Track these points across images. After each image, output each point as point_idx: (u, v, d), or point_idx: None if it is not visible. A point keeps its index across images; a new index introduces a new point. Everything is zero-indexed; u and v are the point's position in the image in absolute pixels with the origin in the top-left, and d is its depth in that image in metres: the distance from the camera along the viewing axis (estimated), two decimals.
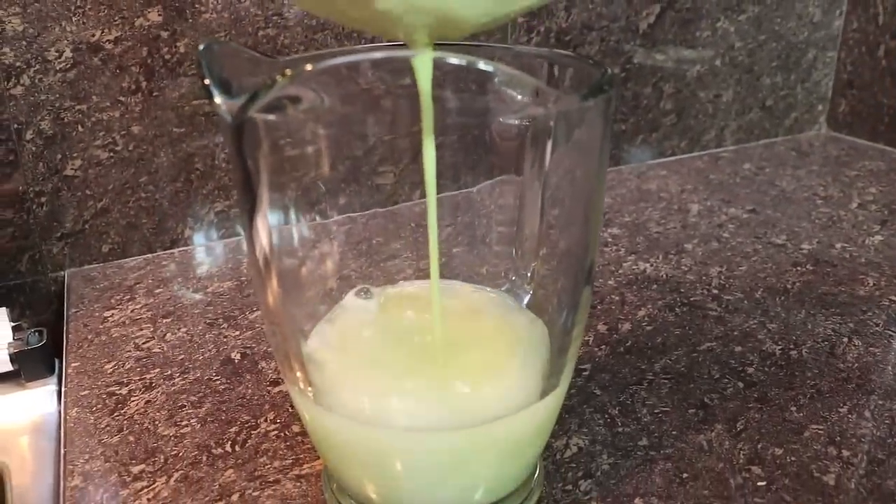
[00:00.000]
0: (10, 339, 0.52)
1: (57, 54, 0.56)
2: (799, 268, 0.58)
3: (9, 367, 0.51)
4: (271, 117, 0.27)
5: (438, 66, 0.29)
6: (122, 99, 0.59)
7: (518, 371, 0.34)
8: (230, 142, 0.28)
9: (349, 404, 0.32)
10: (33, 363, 0.51)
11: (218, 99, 0.26)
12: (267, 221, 0.33)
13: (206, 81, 0.26)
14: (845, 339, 0.49)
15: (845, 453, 0.40)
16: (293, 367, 0.34)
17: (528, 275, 0.39)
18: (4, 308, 0.54)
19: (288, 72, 0.24)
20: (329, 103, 0.29)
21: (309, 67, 0.24)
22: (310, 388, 0.34)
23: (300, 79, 0.25)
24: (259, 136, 0.29)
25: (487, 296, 0.39)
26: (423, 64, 0.28)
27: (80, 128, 0.58)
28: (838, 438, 0.41)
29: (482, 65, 0.26)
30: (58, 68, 0.56)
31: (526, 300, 0.39)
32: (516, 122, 0.35)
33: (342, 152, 0.36)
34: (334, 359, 0.35)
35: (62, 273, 0.62)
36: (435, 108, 0.29)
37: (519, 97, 0.29)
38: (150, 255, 0.64)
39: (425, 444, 0.31)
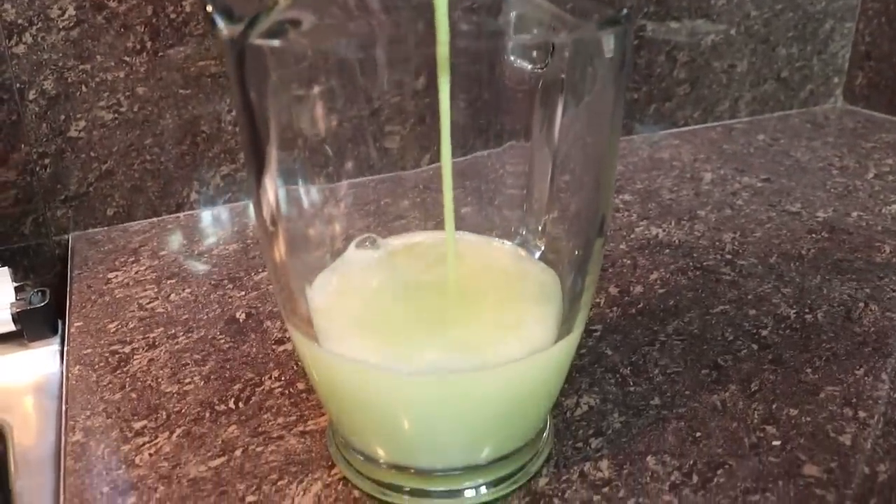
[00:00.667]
0: (13, 299, 0.51)
1: (60, 12, 0.55)
2: (814, 235, 0.57)
3: (11, 328, 0.51)
4: (274, 43, 0.26)
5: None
6: (126, 59, 0.58)
7: (530, 316, 0.33)
8: (233, 71, 0.28)
9: (356, 350, 0.31)
10: (36, 323, 0.51)
11: (220, 24, 0.25)
12: (275, 181, 0.33)
13: (209, 8, 0.25)
14: (861, 304, 0.48)
15: (861, 414, 0.39)
16: (299, 317, 0.33)
17: (539, 229, 0.38)
18: (7, 268, 0.54)
19: None
20: (331, 26, 0.28)
21: None
22: (316, 338, 0.33)
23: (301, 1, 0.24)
24: (264, 70, 0.28)
25: (498, 245, 0.38)
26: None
27: (83, 88, 0.58)
28: (854, 400, 0.40)
29: None
30: (61, 26, 0.56)
31: (537, 255, 0.38)
32: (529, 66, 0.34)
33: (348, 99, 0.35)
34: (340, 306, 0.34)
35: (66, 236, 0.61)
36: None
37: (535, 29, 0.28)
38: (155, 219, 0.63)
39: (435, 389, 0.30)
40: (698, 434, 0.38)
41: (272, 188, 0.33)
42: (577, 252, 0.36)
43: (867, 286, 0.50)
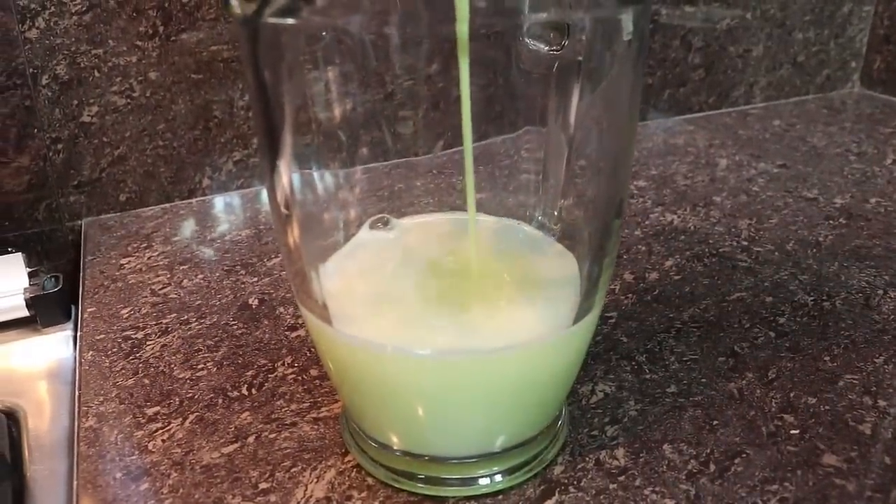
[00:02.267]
0: (27, 285, 0.51)
1: None
2: (831, 221, 0.56)
3: (25, 313, 0.51)
4: (288, 21, 0.26)
5: None
6: (139, 43, 0.58)
7: (548, 297, 0.32)
8: (246, 51, 0.27)
9: (369, 332, 0.31)
10: (49, 308, 0.51)
11: (234, 2, 0.24)
12: (289, 165, 0.33)
13: None
14: (880, 292, 0.47)
15: (881, 403, 0.38)
16: (312, 299, 0.33)
17: (556, 214, 0.38)
18: (21, 254, 0.54)
19: None
20: (345, 2, 0.27)
21: None
22: (329, 320, 0.33)
23: None
24: (278, 50, 0.28)
25: (515, 226, 0.38)
26: None
27: (96, 73, 0.57)
28: (874, 388, 0.39)
29: None
30: (73, 11, 0.55)
31: (555, 238, 0.38)
32: (546, 48, 0.33)
33: (364, 81, 0.34)
34: (353, 287, 0.34)
35: (79, 222, 0.61)
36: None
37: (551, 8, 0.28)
38: (167, 205, 0.63)
39: (450, 370, 0.30)
40: (715, 422, 0.37)
41: (286, 172, 0.33)
42: (594, 234, 0.35)
43: (886, 273, 0.49)
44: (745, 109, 0.81)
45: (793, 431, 0.37)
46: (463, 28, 0.26)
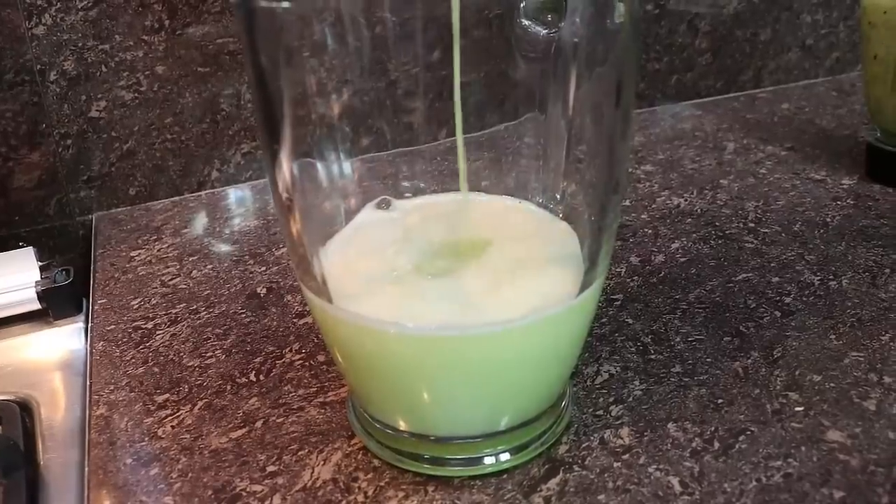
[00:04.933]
0: (38, 278, 0.52)
1: None
2: (839, 202, 0.56)
3: (37, 306, 0.51)
4: (284, 5, 0.26)
5: None
6: (145, 38, 0.58)
7: (550, 270, 0.33)
8: (244, 36, 0.28)
9: (370, 309, 0.31)
10: (61, 301, 0.51)
11: None
12: (290, 156, 0.33)
13: None
14: (887, 271, 0.47)
15: (887, 379, 0.38)
16: (314, 280, 0.33)
17: (558, 196, 0.38)
18: (32, 248, 0.54)
19: None
20: None
21: None
22: (330, 299, 0.33)
23: None
24: (275, 33, 0.28)
25: (515, 203, 0.38)
26: None
27: (103, 68, 0.58)
28: (879, 365, 0.39)
29: None
30: (79, 7, 0.56)
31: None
32: (543, 30, 0.33)
33: (362, 70, 0.35)
34: (354, 266, 0.34)
35: (90, 216, 0.61)
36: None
37: None
38: (177, 198, 0.63)
39: (455, 347, 0.30)
40: (720, 401, 0.37)
41: (287, 161, 0.33)
42: (594, 212, 0.35)
43: (893, 252, 0.49)
44: (754, 93, 0.80)
45: (797, 409, 0.37)
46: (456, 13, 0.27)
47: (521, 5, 0.32)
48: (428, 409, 0.34)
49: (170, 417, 0.39)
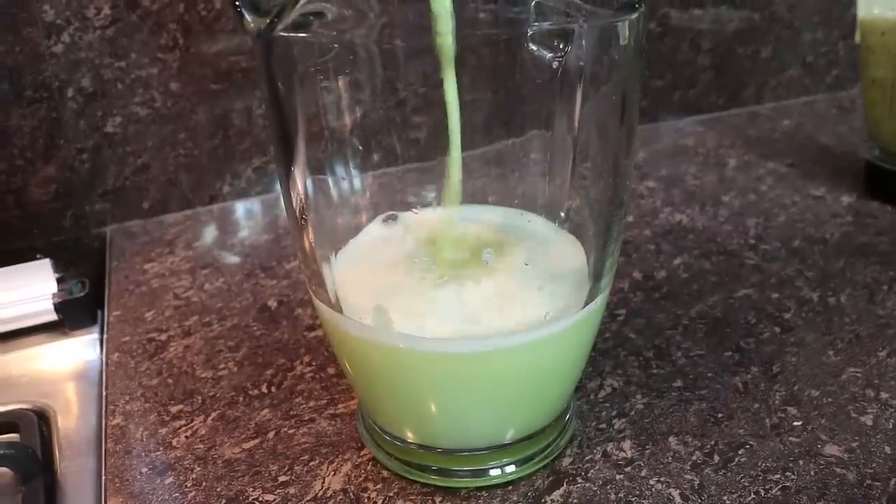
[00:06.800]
0: (55, 290, 0.53)
1: (96, 11, 0.57)
2: (838, 219, 0.57)
3: (53, 317, 0.52)
4: (300, 35, 0.27)
5: None
6: (160, 56, 0.59)
7: (555, 284, 0.33)
8: (261, 63, 0.29)
9: (380, 325, 0.32)
10: (76, 312, 0.52)
11: (248, 17, 0.26)
12: (304, 171, 0.34)
13: (237, 2, 0.26)
14: (885, 287, 0.48)
15: (884, 395, 0.39)
16: (326, 294, 0.34)
17: (563, 214, 0.39)
18: (49, 260, 0.55)
19: None
20: (353, 16, 0.29)
21: None
22: (341, 313, 0.34)
23: None
24: (290, 62, 0.29)
25: (521, 216, 0.39)
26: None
27: (119, 85, 0.59)
28: (876, 381, 0.40)
29: None
30: (97, 25, 0.57)
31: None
32: (549, 54, 0.34)
33: (374, 89, 0.36)
34: (364, 280, 0.35)
35: (104, 229, 0.63)
36: (460, 30, 0.29)
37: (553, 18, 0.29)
38: (189, 211, 0.65)
39: (462, 360, 0.31)
40: (720, 415, 0.38)
41: (301, 178, 0.34)
42: (599, 227, 0.36)
43: (891, 269, 0.50)
44: (755, 110, 0.81)
45: (796, 423, 0.38)
46: (447, 41, 0.28)
47: (528, 33, 0.33)
48: (435, 422, 0.35)
49: (184, 428, 0.40)
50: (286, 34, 0.27)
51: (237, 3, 0.26)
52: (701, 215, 0.59)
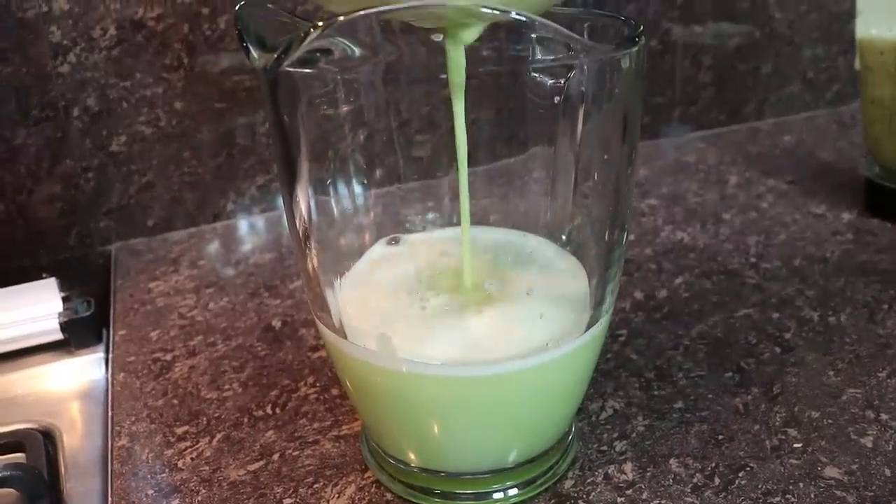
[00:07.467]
0: (60, 309, 0.53)
1: (102, 32, 0.57)
2: (838, 237, 0.57)
3: (59, 336, 0.53)
4: (306, 71, 0.28)
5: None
6: (164, 75, 0.60)
7: (558, 308, 0.34)
8: (267, 95, 0.29)
9: (383, 349, 0.32)
10: (82, 332, 0.53)
11: (254, 53, 0.26)
12: (307, 192, 0.34)
13: (245, 43, 0.26)
14: (885, 306, 0.49)
15: (884, 416, 0.40)
16: (329, 317, 0.35)
17: (564, 237, 0.39)
18: (55, 279, 0.56)
19: (319, 23, 0.25)
20: (360, 53, 0.29)
21: (341, 19, 0.25)
22: (345, 335, 0.34)
23: (332, 30, 0.26)
24: (296, 93, 0.29)
25: (524, 237, 0.39)
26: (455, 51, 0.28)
27: (124, 104, 0.60)
28: (877, 402, 0.41)
29: (515, 15, 0.26)
30: (103, 46, 0.58)
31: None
32: (550, 81, 0.35)
33: (378, 115, 0.36)
34: (368, 303, 0.35)
35: (109, 247, 0.63)
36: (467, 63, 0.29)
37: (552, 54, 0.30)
38: (193, 229, 0.65)
39: (465, 385, 0.32)
40: (720, 437, 0.39)
41: (304, 199, 0.34)
42: (600, 248, 0.37)
43: (891, 288, 0.50)
44: (756, 125, 0.82)
45: (796, 445, 0.38)
46: (458, 79, 0.28)
47: (530, 67, 0.33)
48: (438, 446, 0.35)
49: (189, 449, 0.40)
50: (293, 69, 0.28)
51: (244, 41, 0.26)
52: (702, 233, 0.59)
